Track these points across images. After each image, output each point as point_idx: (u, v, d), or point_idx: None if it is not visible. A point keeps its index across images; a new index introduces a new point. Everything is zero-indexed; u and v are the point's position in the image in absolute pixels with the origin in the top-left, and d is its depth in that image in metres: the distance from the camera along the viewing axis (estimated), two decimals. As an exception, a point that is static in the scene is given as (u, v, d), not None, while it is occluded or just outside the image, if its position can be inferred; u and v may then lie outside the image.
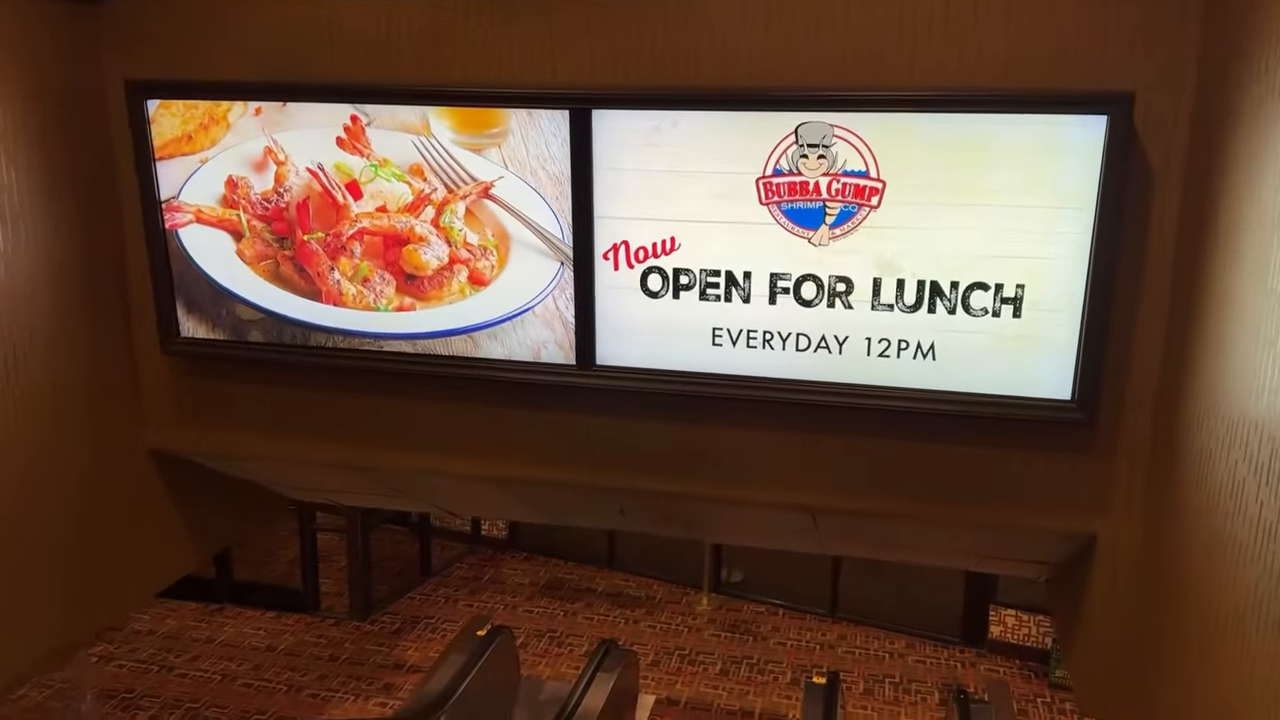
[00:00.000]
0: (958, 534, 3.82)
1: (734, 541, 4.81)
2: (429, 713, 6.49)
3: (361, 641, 9.46)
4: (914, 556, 4.58)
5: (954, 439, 3.43)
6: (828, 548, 4.55)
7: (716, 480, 3.66)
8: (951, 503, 3.49)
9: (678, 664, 9.17)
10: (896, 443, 3.48)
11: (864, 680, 8.97)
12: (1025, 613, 9.18)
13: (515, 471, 3.81)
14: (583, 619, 9.99)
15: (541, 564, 11.20)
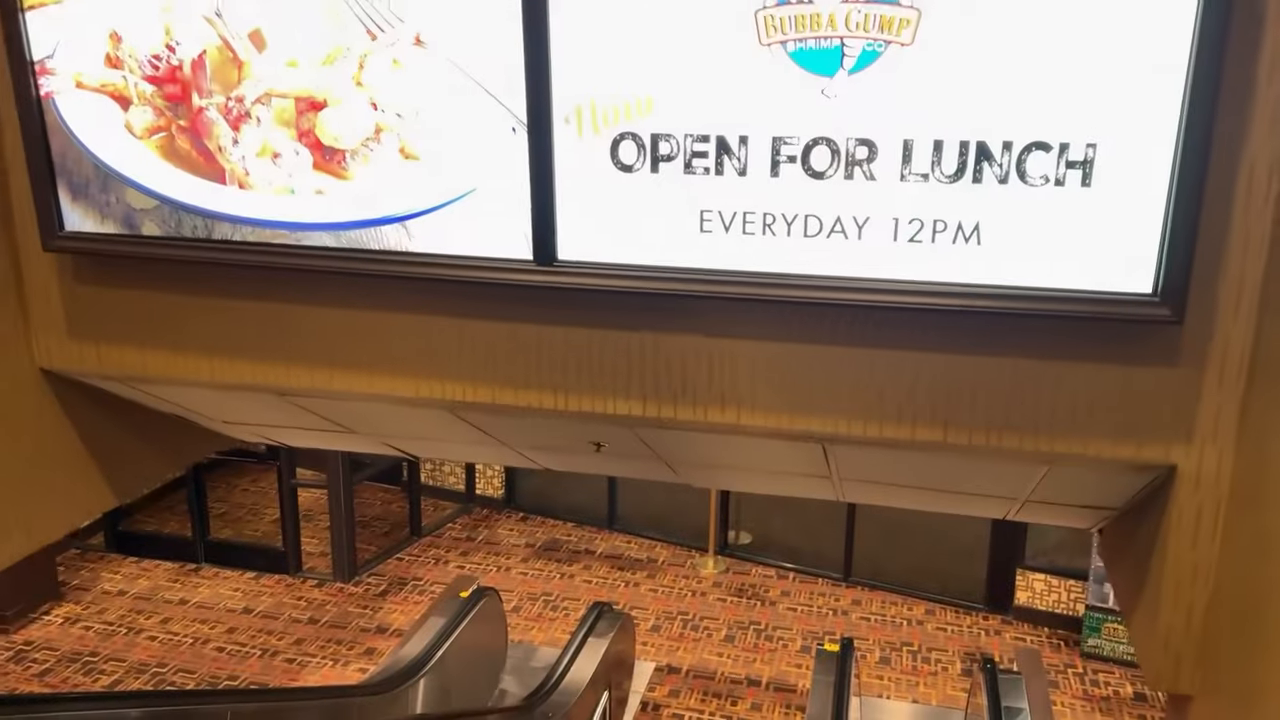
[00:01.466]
0: (1000, 470, 3.15)
1: (731, 486, 4.16)
2: (403, 679, 5.91)
3: (344, 604, 8.90)
4: (941, 504, 3.91)
5: (1001, 346, 2.75)
6: (842, 493, 3.89)
7: (707, 403, 3.00)
8: (994, 428, 2.81)
9: (680, 630, 8.58)
10: (928, 354, 2.81)
11: (880, 648, 8.36)
12: (1055, 576, 8.52)
13: (463, 394, 3.16)
14: (580, 582, 9.41)
15: (538, 524, 10.61)
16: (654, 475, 4.15)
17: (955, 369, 2.81)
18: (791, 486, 4.00)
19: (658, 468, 3.89)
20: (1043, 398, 2.78)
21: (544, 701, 5.72)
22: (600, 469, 4.25)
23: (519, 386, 3.14)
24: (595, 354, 3.05)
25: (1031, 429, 2.81)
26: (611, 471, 4.38)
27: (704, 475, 3.94)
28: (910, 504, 4.04)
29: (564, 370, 3.10)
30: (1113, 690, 7.67)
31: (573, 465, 4.18)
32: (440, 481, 11.03)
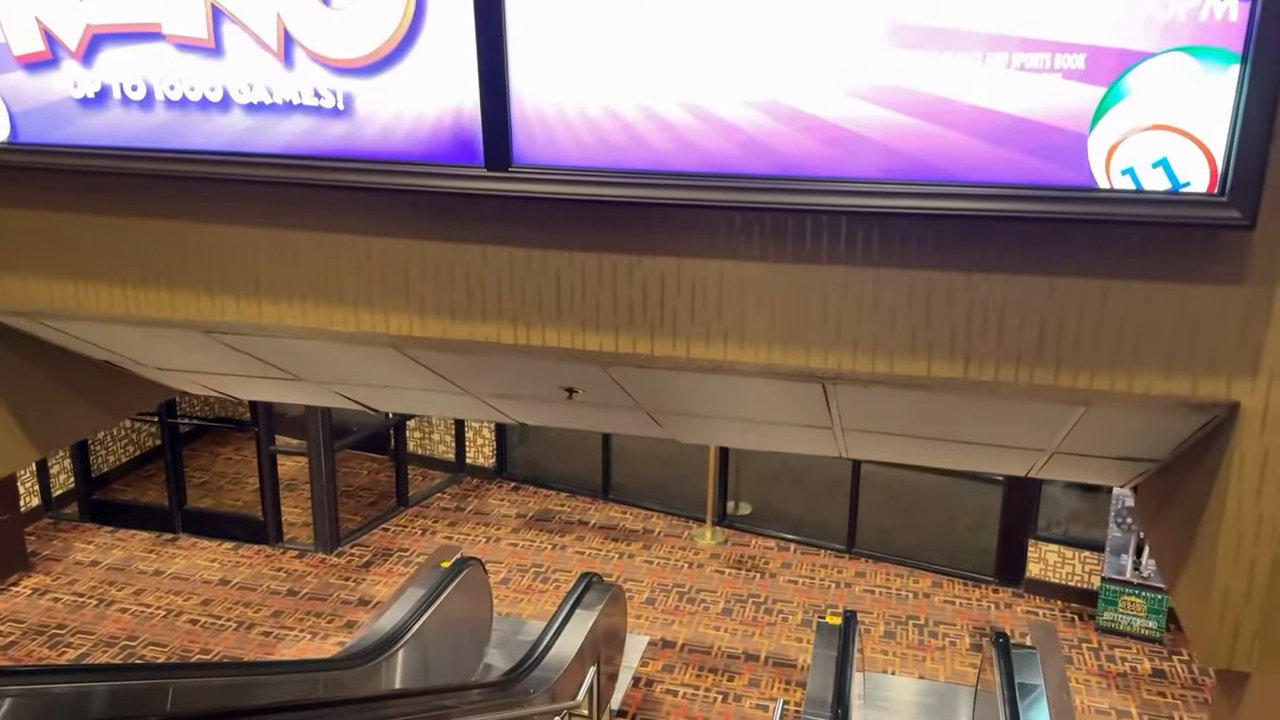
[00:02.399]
0: (1029, 413, 2.74)
1: (721, 441, 3.75)
2: (376, 652, 5.54)
3: (325, 575, 8.55)
4: (957, 459, 3.50)
5: (1034, 261, 2.33)
6: (845, 447, 3.49)
7: (689, 336, 2.59)
8: (1025, 361, 2.40)
9: (676, 602, 8.21)
10: (947, 272, 2.39)
11: (884, 622, 7.98)
12: (1069, 548, 8.13)
13: (410, 327, 2.75)
14: (572, 553, 9.04)
15: (530, 494, 10.23)
16: (636, 429, 3.75)
17: (980, 290, 2.39)
18: (788, 440, 3.60)
19: (639, 420, 3.48)
20: (1083, 323, 2.36)
21: (525, 677, 5.35)
22: (577, 422, 3.84)
23: (473, 318, 2.73)
24: (560, 279, 2.64)
25: (1069, 361, 2.39)
26: (589, 425, 3.98)
27: (691, 428, 3.54)
28: (922, 459, 3.63)
29: (523, 298, 2.68)
30: (1130, 666, 7.29)
31: (546, 418, 3.77)
32: (430, 450, 10.65)
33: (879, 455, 3.71)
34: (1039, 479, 8.23)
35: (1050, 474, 3.52)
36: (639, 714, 6.77)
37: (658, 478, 10.87)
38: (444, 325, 2.76)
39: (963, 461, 3.58)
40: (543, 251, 2.63)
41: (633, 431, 3.86)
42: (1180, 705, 6.83)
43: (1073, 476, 3.96)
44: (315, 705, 3.78)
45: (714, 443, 3.71)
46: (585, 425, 4.08)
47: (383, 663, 5.64)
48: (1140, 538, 7.46)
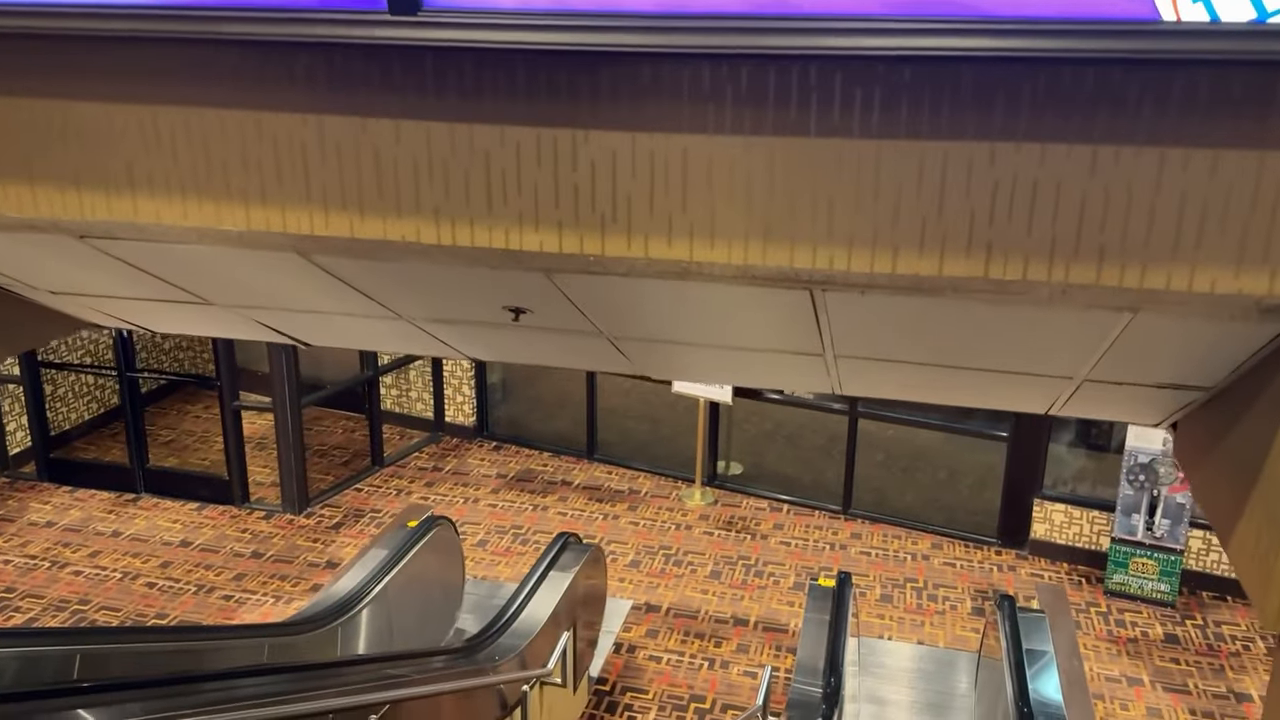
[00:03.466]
0: (1061, 325, 2.27)
1: (695, 375, 3.27)
2: (329, 617, 5.11)
3: (292, 537, 8.12)
4: (968, 392, 3.03)
5: (1073, 124, 1.85)
6: (839, 380, 3.01)
7: (648, 230, 2.12)
8: (1060, 253, 1.93)
9: (662, 565, 7.80)
10: (964, 143, 1.91)
11: (881, 584, 7.58)
12: (1077, 507, 7.71)
13: (311, 224, 2.28)
14: (554, 514, 8.61)
15: (512, 454, 9.80)
16: (602, 363, 3.28)
17: (1006, 164, 1.92)
18: (774, 372, 3.13)
19: (602, 350, 3.01)
20: (1134, 204, 1.88)
21: (491, 643, 4.93)
22: (534, 355, 3.37)
23: (386, 212, 2.25)
24: (489, 162, 2.15)
25: (1115, 253, 1.92)
26: (548, 359, 3.50)
27: (662, 359, 3.07)
28: (927, 394, 3.17)
29: (446, 186, 2.20)
30: (1140, 631, 6.90)
31: (498, 350, 3.30)
32: (407, 409, 10.20)
33: (878, 390, 3.24)
34: (1047, 432, 7.79)
35: (1074, 410, 3.05)
36: (620, 682, 6.37)
37: (645, 437, 10.44)
38: (351, 222, 2.28)
39: (975, 397, 3.12)
40: (468, 127, 2.15)
41: (599, 366, 3.40)
42: (1195, 672, 6.44)
43: (1099, 413, 3.49)
44: (245, 674, 3.35)
45: (689, 378, 3.26)
46: (543, 359, 3.61)
47: (339, 627, 5.22)
48: (1154, 496, 7.04)
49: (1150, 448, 7.03)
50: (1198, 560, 7.27)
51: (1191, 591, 7.28)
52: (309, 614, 5.14)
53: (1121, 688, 6.29)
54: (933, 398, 3.18)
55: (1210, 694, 6.22)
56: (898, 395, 3.52)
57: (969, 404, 3.22)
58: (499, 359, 3.60)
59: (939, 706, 6.26)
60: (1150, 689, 6.28)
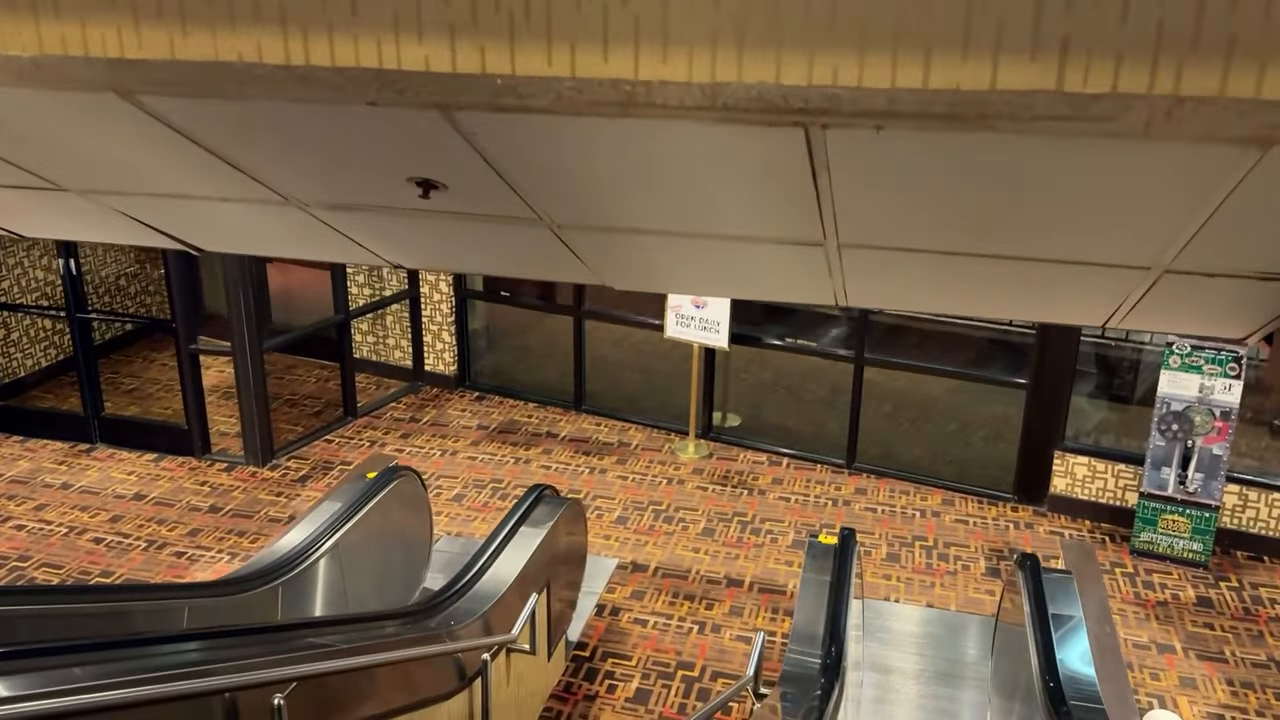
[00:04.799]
0: (1148, 178, 1.64)
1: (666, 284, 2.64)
2: (269, 575, 4.54)
3: (254, 490, 7.56)
4: (1011, 298, 2.38)
5: None
6: (844, 287, 2.38)
7: (575, 35, 1.50)
8: (1164, 52, 1.30)
9: (650, 522, 7.24)
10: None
11: (887, 543, 7.01)
12: (1101, 460, 7.11)
13: (120, 43, 1.67)
14: (537, 468, 8.04)
15: (495, 405, 9.21)
16: (551, 267, 2.66)
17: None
18: (763, 276, 2.50)
19: (544, 245, 2.39)
20: None
21: (447, 607, 4.36)
22: (461, 256, 2.74)
23: (216, 20, 1.62)
24: (347, -69, 1.52)
25: (1247, 50, 1.29)
26: (482, 263, 2.88)
27: (619, 257, 2.45)
28: (958, 301, 2.52)
29: (293, -25, 1.57)
30: (1170, 594, 6.33)
31: (415, 249, 2.67)
32: (385, 357, 9.60)
33: (893, 299, 2.60)
34: (1070, 378, 7.17)
35: (1140, 320, 2.42)
36: (601, 647, 5.82)
37: (638, 387, 9.86)
38: (172, 37, 1.65)
39: (1017, 304, 2.47)
40: (318, -115, 1.51)
41: (552, 273, 2.81)
42: (1231, 639, 5.87)
43: (1172, 323, 2.83)
44: (138, 642, 2.79)
45: (662, 286, 2.66)
46: (480, 264, 2.99)
47: (280, 587, 4.66)
48: (1188, 447, 6.43)
49: (1185, 394, 6.42)
50: (1233, 517, 6.69)
51: (1225, 551, 6.70)
52: (245, 573, 4.58)
53: (1151, 655, 5.73)
54: (962, 308, 2.56)
55: (1249, 662, 5.66)
56: (917, 306, 2.87)
57: (1007, 314, 2.59)
58: (428, 265, 2.98)
59: (950, 675, 5.72)
60: (1183, 657, 5.72)
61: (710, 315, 7.89)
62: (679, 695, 5.42)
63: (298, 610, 4.68)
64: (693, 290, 3.81)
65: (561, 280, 8.28)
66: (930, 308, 2.82)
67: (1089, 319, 2.46)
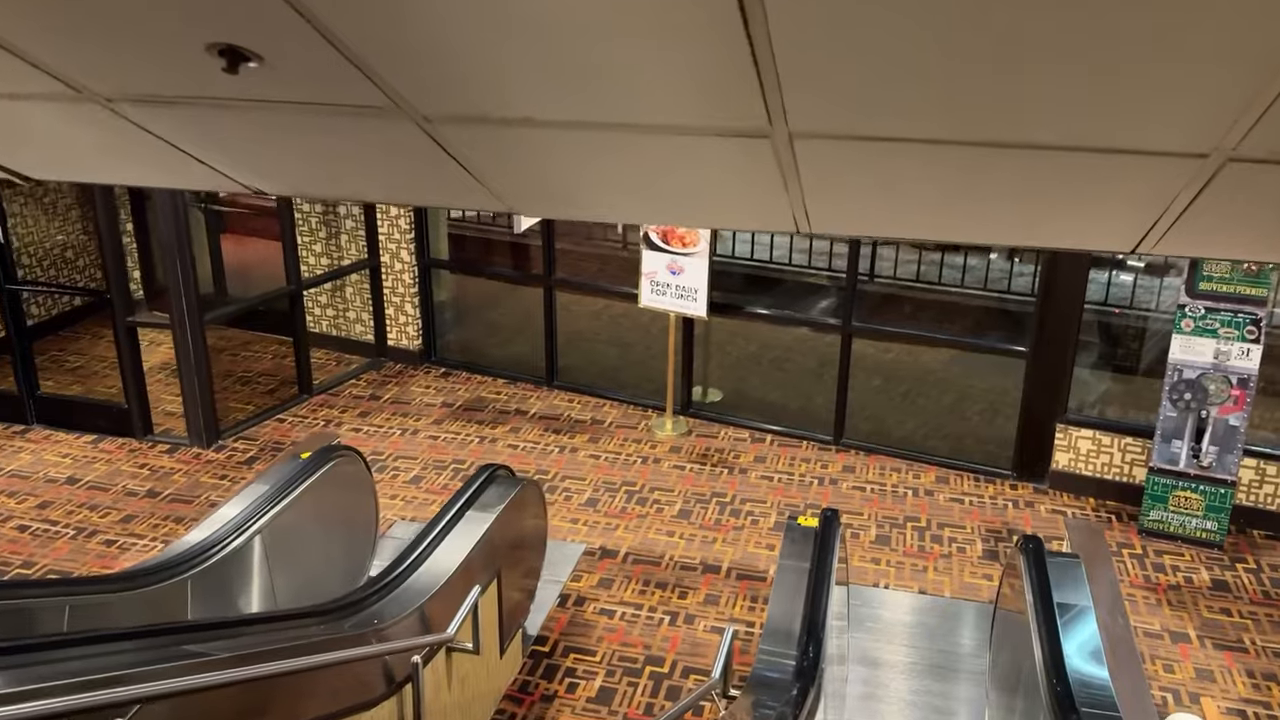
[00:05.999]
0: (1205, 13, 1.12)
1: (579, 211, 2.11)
2: (171, 569, 4.02)
3: (197, 473, 7.03)
4: (1017, 212, 1.84)
5: None
6: (803, 195, 1.85)
7: None
8: None
9: (622, 504, 6.73)
10: None
11: (876, 524, 6.51)
12: (1106, 433, 6.61)
13: None
14: (503, 447, 7.52)
15: (461, 381, 8.67)
16: (430, 185, 2.11)
17: None
18: (702, 192, 1.96)
19: (413, 146, 1.85)
20: None
21: (371, 604, 3.84)
22: (309, 168, 2.18)
23: None
24: None
25: None
26: (339, 182, 2.30)
27: (517, 166, 1.91)
28: (951, 219, 1.95)
29: None
30: (1183, 577, 5.83)
31: (245, 156, 2.12)
32: (345, 331, 9.05)
33: (869, 221, 2.03)
34: (1073, 346, 6.64)
35: (1178, 244, 1.89)
36: (563, 641, 5.32)
37: (614, 362, 9.34)
38: None
39: (1025, 222, 1.92)
40: None
41: (435, 196, 2.27)
42: (1250, 626, 5.38)
43: (1219, 247, 2.23)
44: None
45: (579, 210, 2.15)
46: (352, 189, 2.42)
47: (189, 580, 4.14)
48: (1202, 418, 5.92)
49: (1199, 361, 5.90)
50: (1248, 493, 6.19)
51: (1241, 530, 6.21)
52: (148, 565, 4.06)
53: (1164, 644, 5.23)
54: (954, 230, 2.01)
55: (1271, 652, 5.17)
56: (897, 230, 2.30)
57: (1009, 238, 2.05)
58: (295, 189, 2.42)
59: (944, 669, 5.22)
60: (1198, 646, 5.23)
61: (687, 282, 7.36)
62: (646, 694, 4.92)
63: (209, 608, 4.17)
64: (619, 214, 3.23)
65: (458, 206, 7.68)
66: (913, 232, 2.26)
67: (1116, 241, 1.93)
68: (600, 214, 2.42)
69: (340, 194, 2.43)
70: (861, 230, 2.07)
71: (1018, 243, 2.19)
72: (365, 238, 8.61)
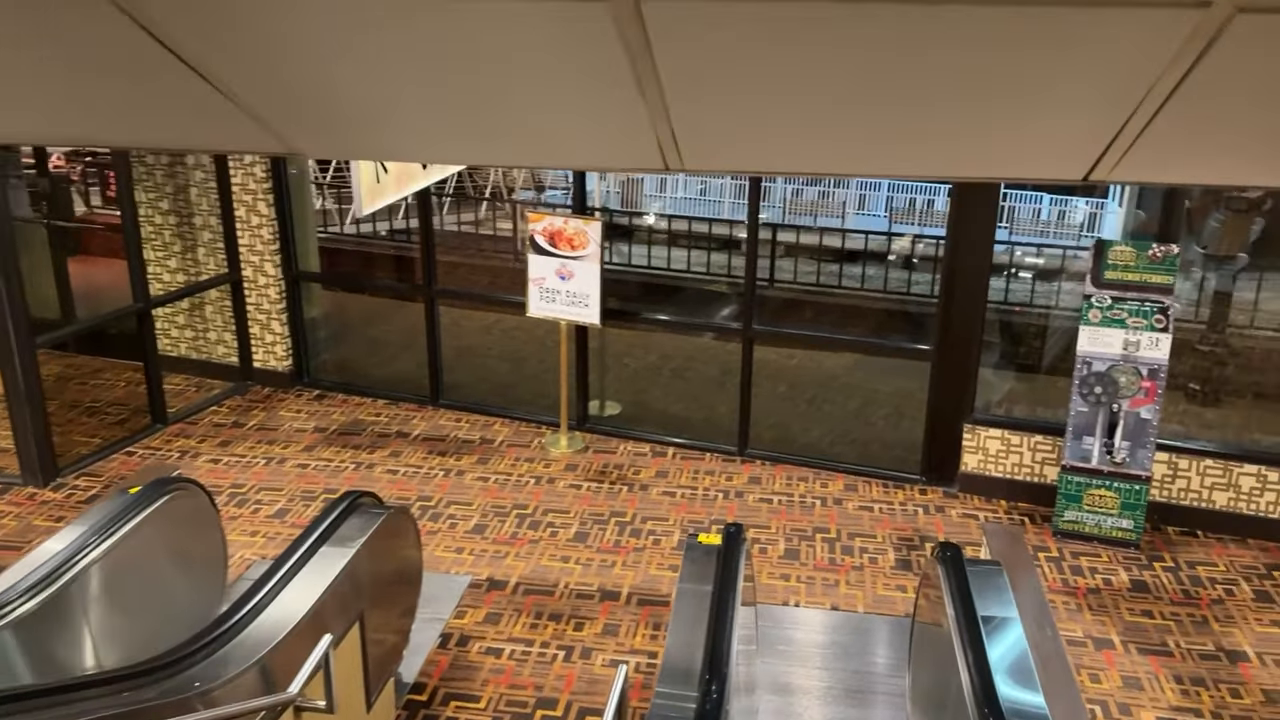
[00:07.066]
0: None
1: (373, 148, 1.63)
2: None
3: (30, 516, 6.21)
4: (952, 112, 1.43)
5: None
6: (667, 109, 1.41)
7: None
8: None
9: (514, 529, 6.17)
10: None
11: (785, 537, 6.11)
12: (1015, 432, 6.36)
13: None
14: (381, 473, 6.89)
15: (337, 404, 8.00)
16: (191, 128, 1.59)
17: None
18: (526, 107, 1.48)
19: (138, 56, 1.33)
20: None
21: (193, 663, 3.21)
22: (37, 105, 1.65)
23: None
24: None
25: None
26: (90, 126, 1.74)
27: (281, 81, 1.42)
28: (863, 140, 1.52)
29: None
30: (1102, 579, 5.58)
31: None
32: (207, 354, 8.28)
33: (760, 153, 1.56)
34: (978, 345, 6.39)
35: (1131, 169, 1.48)
36: (443, 687, 4.74)
37: (506, 377, 8.81)
38: None
39: (963, 139, 1.48)
40: None
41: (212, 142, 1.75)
42: (1174, 627, 5.14)
43: (1208, 165, 1.81)
44: None
45: (384, 149, 1.72)
46: (89, 130, 1.87)
47: (-26, 646, 3.44)
48: (1113, 411, 5.70)
49: (1107, 352, 5.69)
50: (1161, 489, 6.00)
51: (1156, 528, 6.01)
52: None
53: (1088, 652, 4.94)
54: (869, 159, 1.56)
55: (1196, 654, 4.92)
56: (798, 164, 1.80)
57: (945, 170, 1.61)
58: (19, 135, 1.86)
59: (861, 692, 4.83)
60: (1123, 651, 4.95)
61: (578, 288, 6.88)
62: (536, 742, 4.38)
63: (4, 670, 3.47)
64: (434, 154, 2.68)
65: (221, 150, 7.02)
66: (816, 166, 1.76)
67: (1071, 171, 1.51)
68: (404, 149, 1.90)
69: (80, 135, 1.85)
70: (746, 162, 1.60)
71: (957, 173, 1.76)
72: (225, 250, 7.88)
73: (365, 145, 1.74)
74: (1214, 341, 7.77)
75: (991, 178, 1.73)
